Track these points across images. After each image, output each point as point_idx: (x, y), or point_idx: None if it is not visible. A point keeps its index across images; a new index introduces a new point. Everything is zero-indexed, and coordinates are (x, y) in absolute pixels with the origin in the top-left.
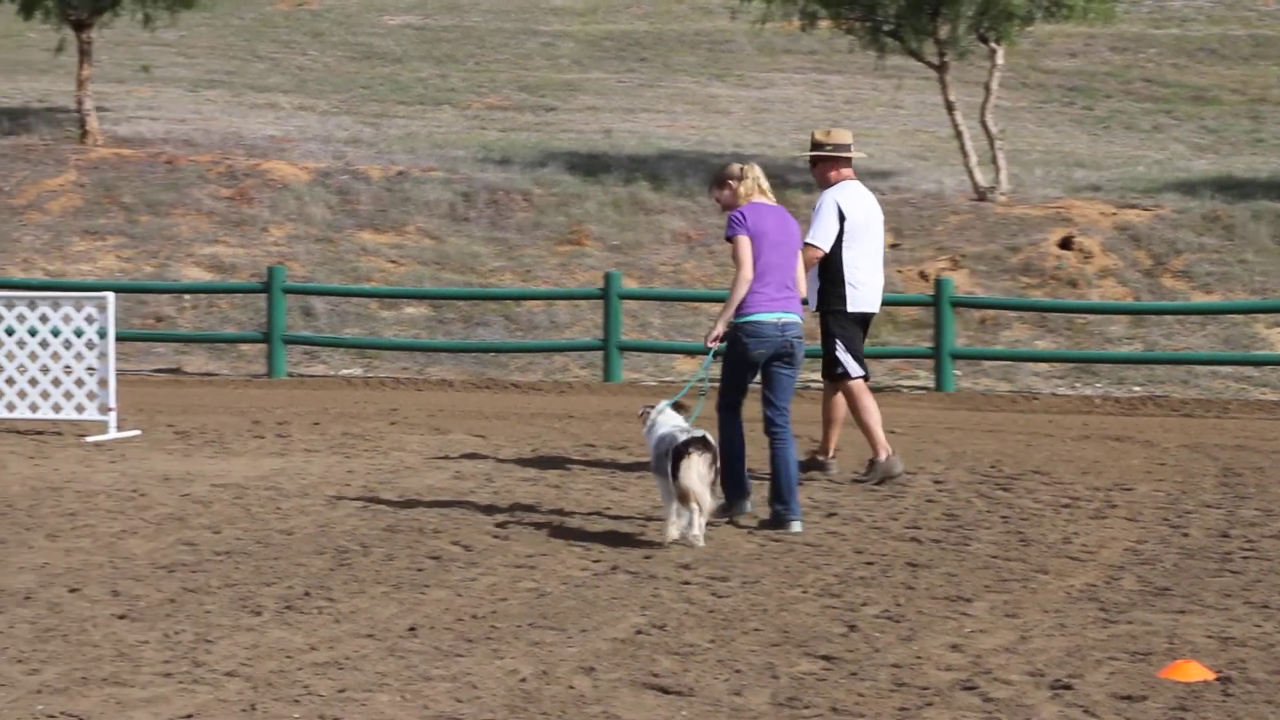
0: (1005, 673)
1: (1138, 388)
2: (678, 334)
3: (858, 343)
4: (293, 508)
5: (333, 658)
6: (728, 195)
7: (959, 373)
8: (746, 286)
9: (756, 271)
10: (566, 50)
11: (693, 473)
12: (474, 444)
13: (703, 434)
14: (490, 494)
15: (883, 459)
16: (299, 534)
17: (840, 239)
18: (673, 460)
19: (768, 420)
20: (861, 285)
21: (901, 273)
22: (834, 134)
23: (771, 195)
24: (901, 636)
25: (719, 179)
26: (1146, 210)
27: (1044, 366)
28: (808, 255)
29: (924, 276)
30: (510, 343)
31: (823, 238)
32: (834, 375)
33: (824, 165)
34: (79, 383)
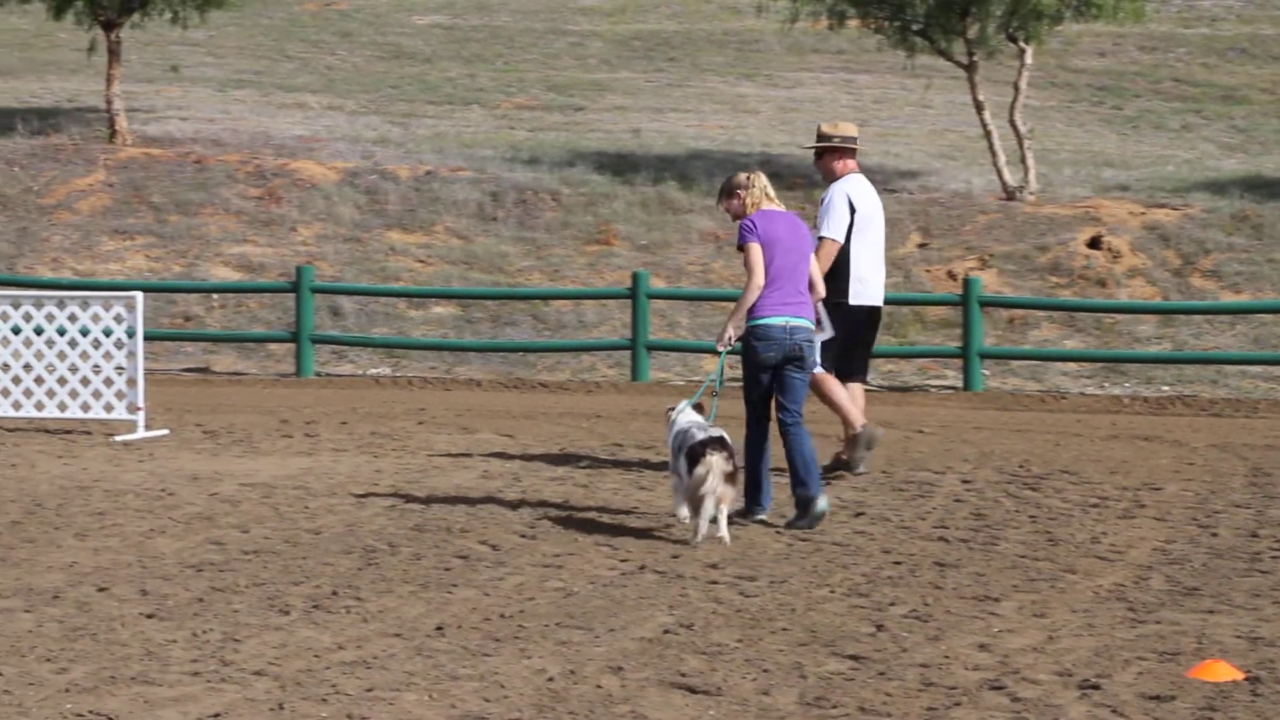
0: (1033, 672)
1: (1166, 387)
2: (706, 334)
3: (857, 338)
4: (321, 507)
5: (360, 657)
6: (736, 205)
7: (987, 372)
8: (757, 293)
9: (769, 277)
10: (595, 50)
11: (715, 475)
12: (502, 443)
13: (720, 434)
14: (518, 493)
15: (860, 429)
16: (327, 533)
17: (849, 232)
18: (688, 460)
19: (780, 422)
20: (866, 279)
21: (930, 272)
22: (841, 126)
23: (778, 201)
24: (929, 636)
25: (726, 189)
26: (1175, 210)
27: (1072, 366)
28: (825, 250)
29: (952, 276)
30: (538, 342)
31: (838, 229)
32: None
33: (830, 157)
34: (107, 382)
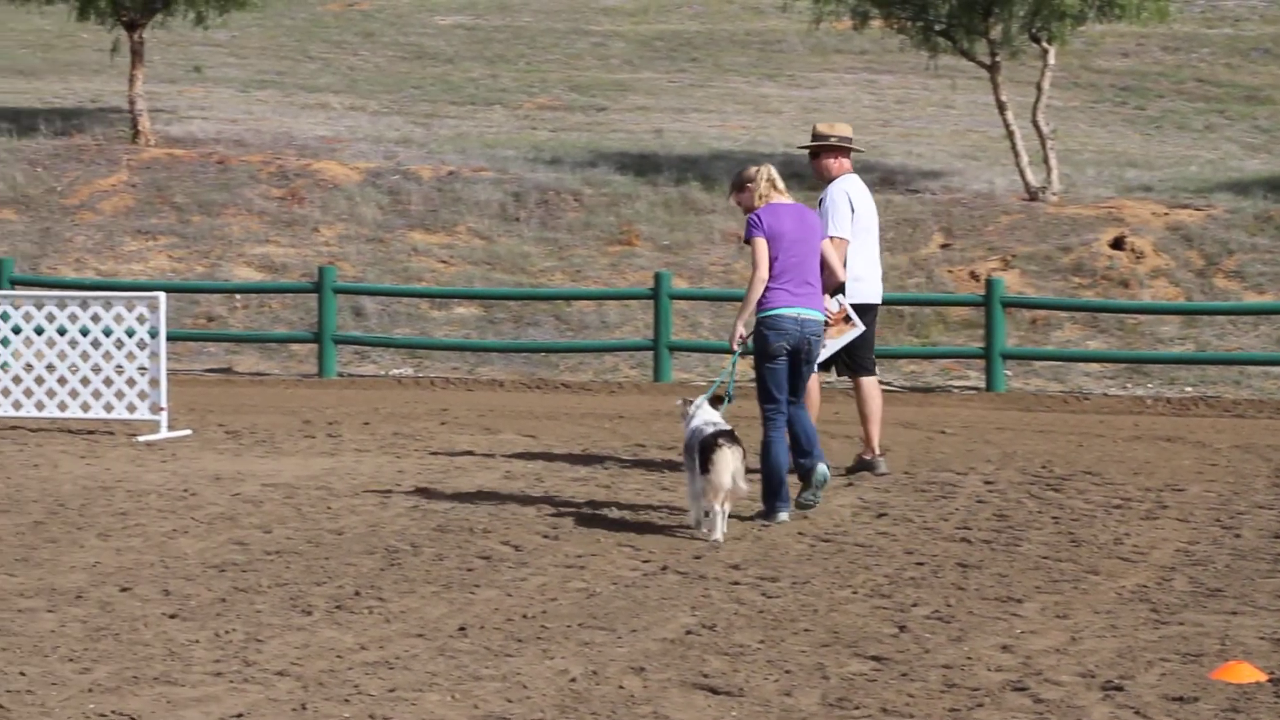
0: (1056, 674)
1: (1189, 388)
2: (728, 334)
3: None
4: (343, 507)
5: (383, 657)
6: (747, 198)
7: (1010, 373)
8: (761, 287)
9: (776, 270)
10: (617, 50)
11: (726, 472)
12: (524, 444)
13: (730, 428)
14: (540, 494)
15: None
16: (349, 534)
17: None
18: (700, 455)
19: (765, 410)
20: (862, 278)
21: (952, 273)
22: (836, 126)
23: (787, 194)
24: (952, 637)
25: (737, 183)
26: (1199, 210)
27: (1095, 367)
28: (839, 249)
29: (975, 276)
30: (560, 343)
31: (845, 227)
32: (855, 371)
33: (826, 157)
34: (130, 382)
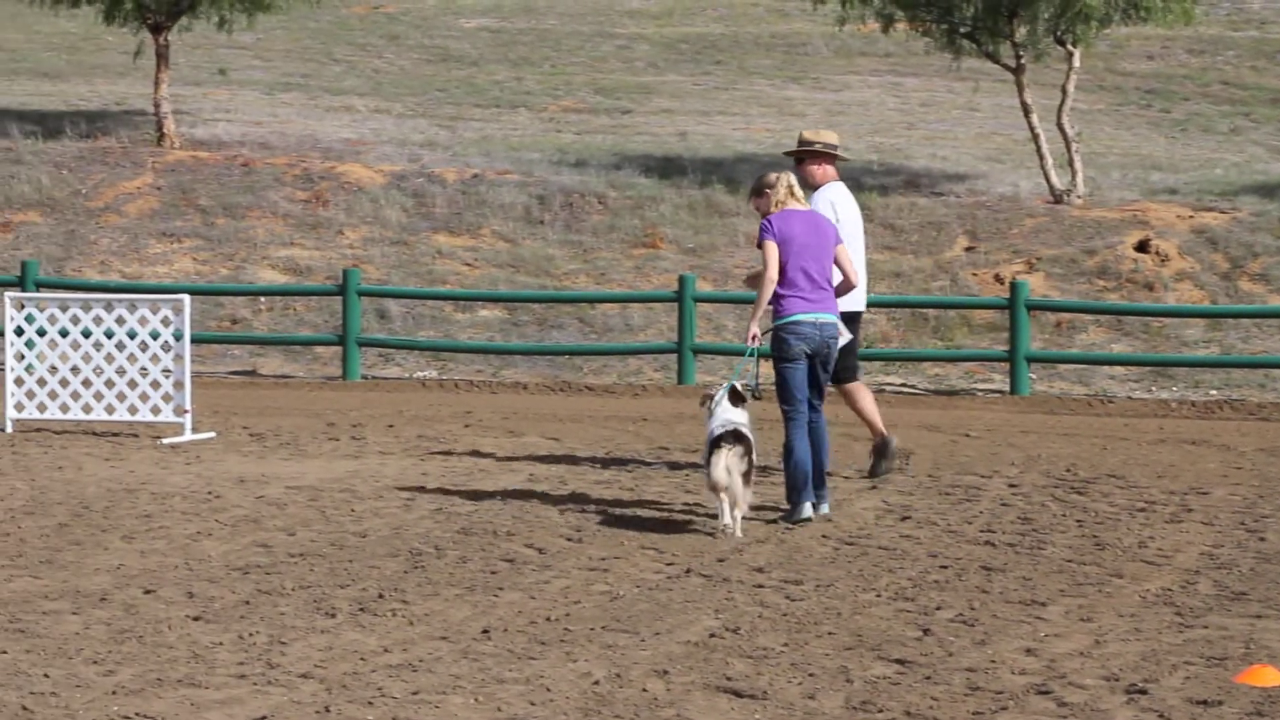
0: (1080, 677)
1: (1214, 391)
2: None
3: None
4: (367, 510)
5: (406, 660)
6: (764, 203)
7: (1034, 376)
8: (771, 287)
9: (788, 276)
10: (642, 53)
11: (720, 466)
12: (548, 446)
13: (735, 427)
14: (564, 496)
15: (885, 437)
16: (373, 536)
17: None
18: (707, 452)
19: (785, 411)
20: None
21: (977, 275)
22: (822, 133)
23: (804, 201)
24: (976, 640)
25: (756, 188)
26: (1224, 213)
27: (1120, 370)
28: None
29: (999, 279)
30: (584, 345)
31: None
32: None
33: (810, 163)
34: (155, 385)
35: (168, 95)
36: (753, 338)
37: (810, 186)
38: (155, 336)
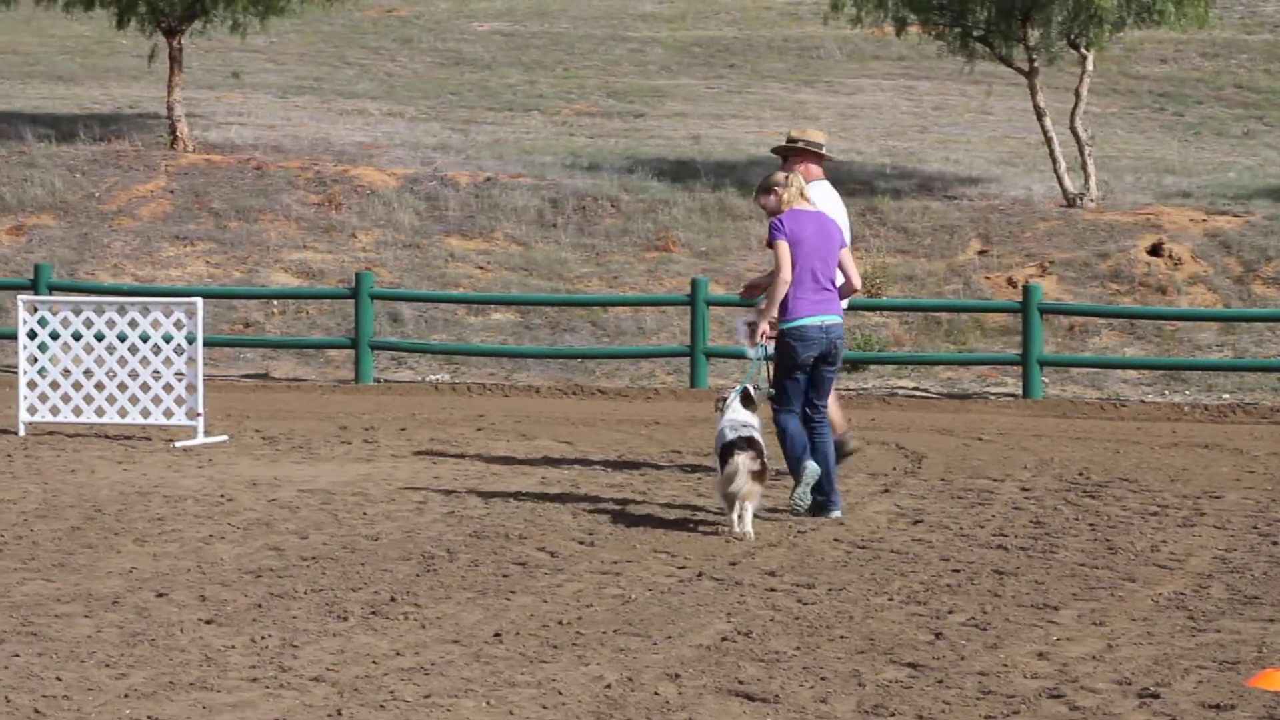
0: (1092, 681)
1: (1227, 395)
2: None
3: None
4: (379, 513)
5: (418, 663)
6: (773, 201)
7: (1047, 380)
8: (785, 288)
9: (796, 275)
10: (655, 56)
11: (741, 476)
12: (560, 450)
13: (749, 432)
14: (576, 500)
15: (843, 436)
16: (385, 539)
17: None
18: (720, 458)
19: (805, 416)
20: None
21: (990, 279)
22: (809, 132)
23: (812, 203)
24: (988, 644)
25: (764, 186)
26: (1237, 217)
27: (1132, 373)
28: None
29: (1012, 283)
30: (597, 349)
31: None
32: None
33: (794, 162)
34: (167, 388)
35: (181, 99)
36: (763, 334)
37: None
38: (168, 339)
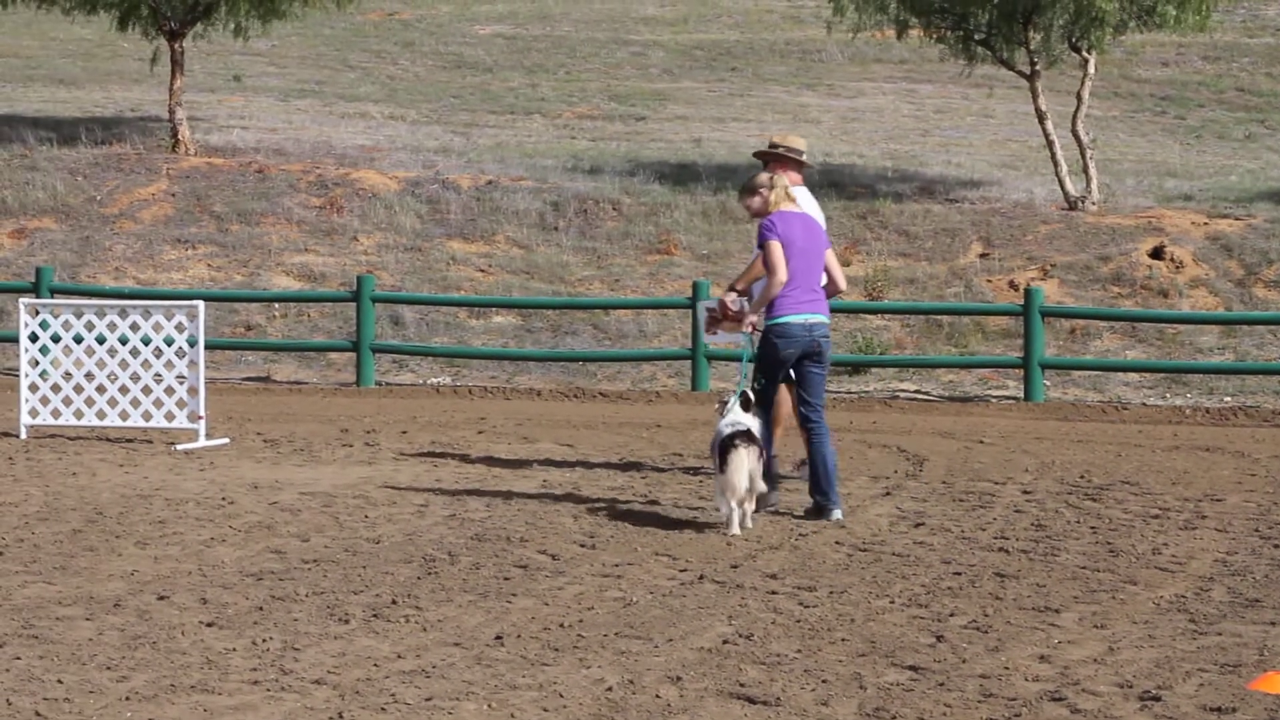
0: (1094, 684)
1: (1229, 398)
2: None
3: None
4: (380, 516)
5: (419, 666)
6: (758, 203)
7: (1048, 383)
8: (780, 288)
9: (788, 275)
10: (657, 59)
11: (742, 473)
12: (561, 453)
13: (746, 428)
14: (577, 503)
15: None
16: (386, 542)
17: None
18: (719, 456)
19: (803, 417)
20: None
21: (991, 282)
22: (790, 138)
23: (797, 204)
24: (989, 647)
25: (749, 188)
26: (1239, 220)
27: (1134, 376)
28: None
29: (1014, 286)
30: (598, 352)
31: None
32: None
33: (774, 168)
34: (169, 391)
35: (183, 102)
36: (751, 325)
37: None
38: (169, 342)
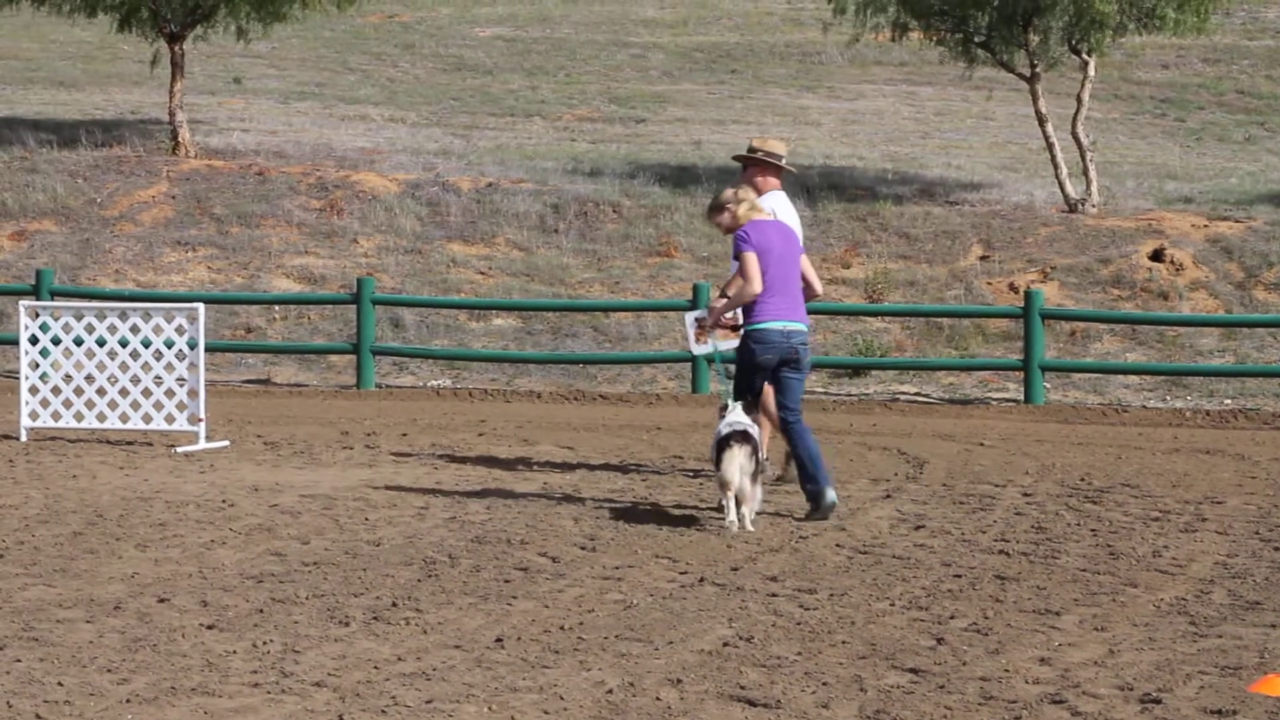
0: (1094, 686)
1: (1229, 400)
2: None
3: None
4: (381, 519)
5: (420, 668)
6: (727, 218)
7: (1049, 385)
8: (751, 298)
9: (766, 283)
10: (657, 62)
11: (733, 465)
12: (562, 455)
13: (744, 427)
14: (577, 505)
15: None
16: (387, 545)
17: None
18: (715, 452)
19: (783, 421)
20: None
21: (991, 284)
22: (769, 143)
23: (766, 212)
24: (990, 649)
25: (715, 205)
26: (1239, 222)
27: (1134, 379)
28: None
29: (1014, 288)
30: (598, 354)
31: None
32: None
33: (753, 172)
34: (169, 393)
35: (183, 104)
36: (711, 325)
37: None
38: (170, 345)
